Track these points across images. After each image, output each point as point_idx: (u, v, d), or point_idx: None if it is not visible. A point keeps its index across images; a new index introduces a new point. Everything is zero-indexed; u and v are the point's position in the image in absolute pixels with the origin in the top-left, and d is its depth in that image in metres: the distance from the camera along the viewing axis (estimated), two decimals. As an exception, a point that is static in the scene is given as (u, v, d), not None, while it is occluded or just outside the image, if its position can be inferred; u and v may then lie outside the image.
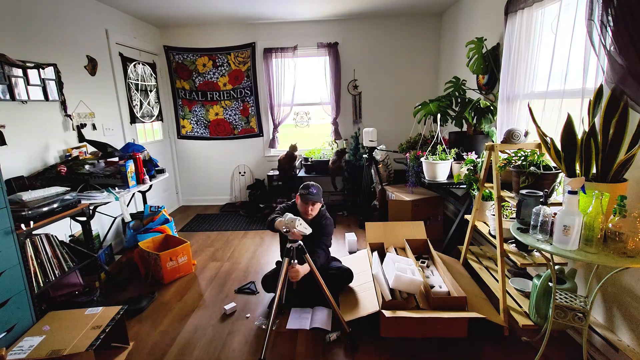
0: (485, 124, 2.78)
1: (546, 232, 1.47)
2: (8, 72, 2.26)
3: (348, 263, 2.68)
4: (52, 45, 2.68)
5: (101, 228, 3.08)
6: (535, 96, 2.29)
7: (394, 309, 1.94)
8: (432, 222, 3.39)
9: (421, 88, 4.35)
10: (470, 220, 2.46)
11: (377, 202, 3.97)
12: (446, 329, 1.94)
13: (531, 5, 2.19)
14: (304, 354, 1.91)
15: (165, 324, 2.20)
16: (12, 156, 2.30)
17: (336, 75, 4.24)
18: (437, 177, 2.69)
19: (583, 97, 1.77)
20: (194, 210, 4.67)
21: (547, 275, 1.68)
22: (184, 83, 4.49)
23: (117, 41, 3.49)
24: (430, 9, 3.97)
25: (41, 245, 1.99)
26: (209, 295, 2.53)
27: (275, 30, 4.28)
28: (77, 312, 1.91)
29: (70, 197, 2.16)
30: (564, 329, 1.86)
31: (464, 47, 2.98)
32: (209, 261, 3.09)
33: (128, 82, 3.68)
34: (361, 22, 4.23)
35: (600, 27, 1.50)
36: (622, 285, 1.67)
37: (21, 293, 1.79)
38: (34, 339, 1.68)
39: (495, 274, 2.24)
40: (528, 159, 1.87)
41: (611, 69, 1.48)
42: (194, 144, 4.71)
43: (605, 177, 1.52)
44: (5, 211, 1.72)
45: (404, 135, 3.85)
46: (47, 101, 2.59)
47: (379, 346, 1.93)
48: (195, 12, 3.75)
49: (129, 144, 3.14)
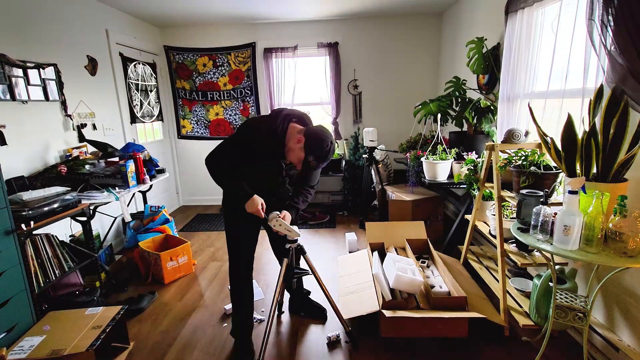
0: (485, 123, 2.78)
1: (546, 232, 1.47)
2: (8, 72, 2.26)
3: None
4: (52, 45, 2.68)
5: (101, 228, 3.09)
6: (535, 96, 2.29)
7: (394, 308, 1.93)
8: (432, 222, 3.39)
9: (421, 88, 4.35)
10: (470, 220, 2.46)
11: (377, 202, 3.97)
12: (446, 329, 1.94)
13: (531, 5, 2.19)
14: (304, 353, 1.91)
15: (165, 324, 2.20)
16: (13, 156, 2.30)
17: (336, 75, 4.24)
18: (438, 177, 2.69)
19: (583, 97, 1.77)
20: (194, 210, 4.67)
21: (547, 275, 1.68)
22: (184, 83, 4.49)
23: (118, 41, 3.48)
24: (430, 9, 3.97)
25: (41, 245, 1.99)
26: (209, 295, 2.53)
27: (275, 30, 4.28)
28: (77, 312, 1.91)
29: (71, 197, 2.16)
30: (564, 328, 1.86)
31: (464, 47, 2.98)
32: (209, 261, 3.09)
33: (128, 82, 3.68)
34: (361, 22, 4.23)
35: (601, 27, 1.49)
36: (622, 285, 1.66)
37: (21, 293, 1.79)
38: (35, 339, 1.68)
39: (495, 274, 2.24)
40: (528, 158, 1.87)
41: (611, 69, 1.48)
42: (194, 144, 4.70)
43: (606, 177, 1.52)
44: (6, 211, 1.72)
45: (404, 135, 3.85)
46: (48, 101, 2.59)
47: (379, 346, 1.93)
48: (195, 12, 3.75)
49: (129, 144, 3.14)
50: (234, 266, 1.89)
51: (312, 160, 1.61)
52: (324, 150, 1.59)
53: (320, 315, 2.19)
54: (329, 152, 1.62)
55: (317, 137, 1.59)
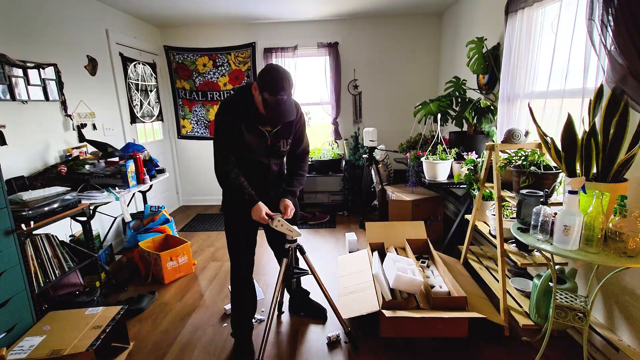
0: (485, 123, 2.78)
1: (546, 232, 1.47)
2: (8, 72, 2.26)
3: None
4: (52, 45, 2.68)
5: (101, 228, 3.09)
6: (535, 96, 2.29)
7: (394, 308, 1.93)
8: (432, 222, 3.39)
9: (421, 88, 4.35)
10: (470, 220, 2.46)
11: (377, 202, 3.97)
12: (446, 329, 1.94)
13: (531, 5, 2.19)
14: (304, 353, 1.91)
15: (165, 324, 2.20)
16: (13, 156, 2.30)
17: (336, 75, 4.24)
18: (438, 177, 2.69)
19: (583, 97, 1.77)
20: (194, 210, 4.67)
21: (547, 275, 1.68)
22: (184, 83, 4.49)
23: (117, 41, 3.49)
24: (430, 9, 3.97)
25: (41, 245, 1.99)
26: (209, 295, 2.53)
27: (275, 30, 4.28)
28: (77, 312, 1.91)
29: (71, 197, 2.16)
30: (564, 328, 1.86)
31: (464, 47, 2.98)
32: (209, 261, 3.09)
33: (128, 82, 3.68)
34: (361, 22, 4.23)
35: (601, 27, 1.49)
36: (622, 285, 1.66)
37: (21, 293, 1.79)
38: (35, 339, 1.68)
39: (495, 274, 2.24)
40: (528, 158, 1.87)
41: (612, 69, 1.48)
42: (194, 143, 4.70)
43: (606, 176, 1.52)
44: (6, 211, 1.72)
45: (404, 135, 3.85)
46: (48, 101, 2.59)
47: (379, 346, 1.93)
48: (195, 12, 3.75)
49: (129, 144, 3.14)
50: (234, 267, 1.91)
51: (267, 96, 1.50)
52: (275, 79, 1.48)
53: (321, 315, 2.19)
54: (282, 80, 1.49)
55: (266, 70, 1.52)
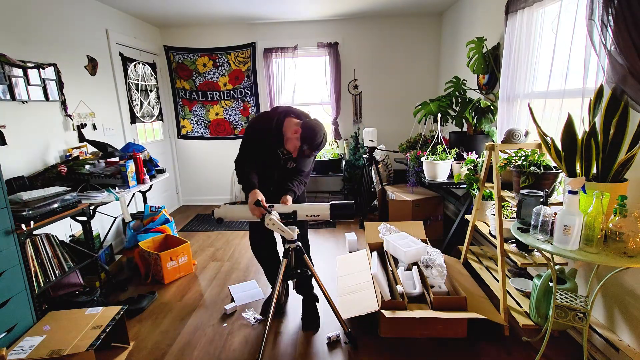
0: (485, 123, 2.78)
1: (546, 232, 1.47)
2: (8, 72, 2.26)
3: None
4: (52, 45, 2.68)
5: (101, 228, 3.09)
6: (535, 96, 2.29)
7: (393, 308, 1.94)
8: (432, 222, 3.39)
9: (421, 88, 4.35)
10: (470, 220, 2.46)
11: (377, 202, 3.97)
12: (446, 329, 1.94)
13: (531, 5, 2.19)
14: (304, 353, 1.91)
15: (165, 324, 2.20)
16: (13, 156, 2.30)
17: (336, 75, 4.24)
18: (438, 177, 2.69)
19: (583, 97, 1.77)
20: (194, 210, 4.67)
21: (547, 275, 1.68)
22: (184, 83, 4.49)
23: (117, 41, 3.49)
24: (430, 9, 3.97)
25: (41, 245, 1.99)
26: (209, 295, 2.53)
27: (275, 30, 4.28)
28: (77, 312, 1.91)
29: (71, 197, 2.16)
30: (564, 328, 1.86)
31: (464, 47, 2.98)
32: (209, 261, 3.09)
33: (128, 82, 3.68)
34: (361, 22, 4.23)
35: (601, 27, 1.49)
36: (622, 285, 1.66)
37: (21, 293, 1.79)
38: (35, 339, 1.68)
39: (495, 274, 2.24)
40: (528, 158, 1.87)
41: (612, 69, 1.47)
42: (194, 144, 4.71)
43: (606, 177, 1.52)
44: (6, 211, 1.72)
45: (404, 135, 3.85)
46: (48, 101, 2.59)
47: (378, 346, 1.93)
48: (195, 12, 3.75)
49: (129, 144, 3.14)
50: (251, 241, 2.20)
51: (306, 149, 1.84)
52: (316, 140, 1.83)
53: (312, 327, 2.13)
54: (321, 143, 1.85)
55: (312, 129, 1.83)
